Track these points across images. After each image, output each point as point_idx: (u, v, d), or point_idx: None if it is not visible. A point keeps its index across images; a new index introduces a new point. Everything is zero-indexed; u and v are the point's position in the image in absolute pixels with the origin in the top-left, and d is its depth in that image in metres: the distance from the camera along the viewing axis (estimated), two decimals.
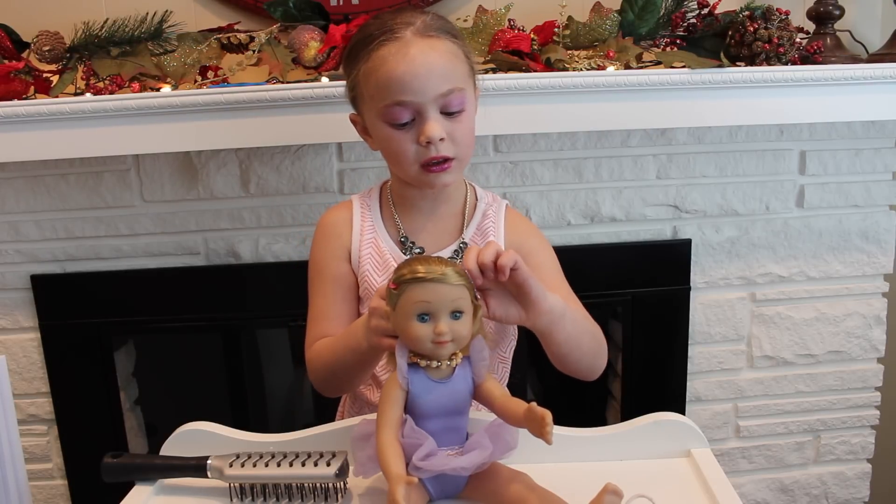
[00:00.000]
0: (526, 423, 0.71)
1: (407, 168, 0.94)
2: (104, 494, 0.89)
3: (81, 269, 1.52)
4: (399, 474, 0.68)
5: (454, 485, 0.76)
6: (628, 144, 1.51)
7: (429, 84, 0.89)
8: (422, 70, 0.88)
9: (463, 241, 1.01)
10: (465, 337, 0.74)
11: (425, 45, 0.89)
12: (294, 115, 1.30)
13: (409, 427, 0.73)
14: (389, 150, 0.94)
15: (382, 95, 0.90)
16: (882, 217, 1.60)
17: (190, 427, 0.87)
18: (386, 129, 0.92)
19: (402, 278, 0.72)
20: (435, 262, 0.73)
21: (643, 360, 1.62)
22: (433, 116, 0.90)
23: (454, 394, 0.75)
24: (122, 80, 1.32)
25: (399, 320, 0.73)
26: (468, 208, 1.03)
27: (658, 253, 1.57)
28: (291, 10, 1.36)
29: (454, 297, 0.72)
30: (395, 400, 0.74)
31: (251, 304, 1.54)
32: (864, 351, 1.66)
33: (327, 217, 1.05)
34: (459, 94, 0.91)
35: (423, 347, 0.73)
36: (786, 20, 1.32)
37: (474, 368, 0.76)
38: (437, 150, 0.91)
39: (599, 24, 1.33)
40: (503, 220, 1.02)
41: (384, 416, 0.73)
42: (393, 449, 0.71)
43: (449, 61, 0.90)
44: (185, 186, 1.48)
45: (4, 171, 1.45)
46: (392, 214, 1.02)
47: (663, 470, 0.83)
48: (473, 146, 0.97)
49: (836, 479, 1.72)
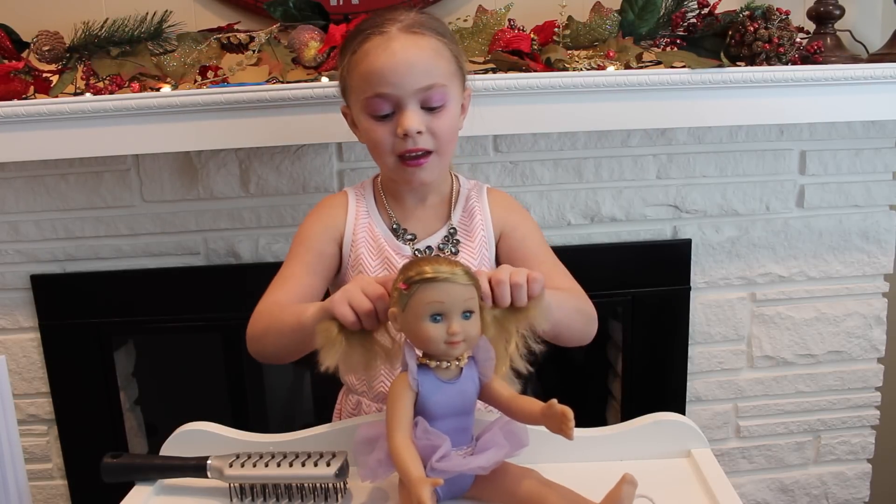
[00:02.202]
0: (545, 420, 0.71)
1: (385, 159, 0.97)
2: (104, 494, 0.89)
3: (81, 269, 1.52)
4: (421, 477, 0.67)
5: (460, 485, 0.76)
6: (628, 144, 1.51)
7: (408, 78, 0.92)
8: (402, 64, 0.91)
9: (452, 226, 1.04)
10: (475, 336, 0.74)
11: (408, 40, 0.92)
12: (294, 115, 1.30)
13: (423, 429, 0.72)
14: (370, 140, 0.98)
15: (364, 87, 0.94)
16: (882, 217, 1.60)
17: (190, 427, 0.87)
18: (367, 121, 0.96)
19: (413, 279, 0.71)
20: (443, 262, 0.72)
21: (643, 360, 1.62)
22: (412, 109, 0.93)
23: (463, 394, 0.74)
24: (122, 80, 1.32)
25: (409, 321, 0.72)
26: (454, 195, 1.06)
27: (658, 253, 1.57)
28: (291, 10, 1.36)
29: (466, 297, 0.72)
30: (406, 401, 0.73)
31: (251, 304, 1.52)
32: (865, 351, 1.66)
33: (325, 200, 1.08)
34: (440, 90, 0.93)
35: (436, 348, 0.72)
36: (786, 20, 1.32)
37: (481, 368, 0.76)
38: (415, 142, 0.94)
39: (599, 24, 1.33)
40: (486, 199, 1.06)
41: (395, 418, 0.72)
42: (409, 452, 0.70)
43: (431, 58, 0.93)
44: (185, 186, 1.48)
45: (4, 171, 1.45)
46: (384, 204, 1.06)
47: (663, 470, 0.83)
48: (454, 143, 1.00)
49: (836, 479, 1.72)
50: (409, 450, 0.70)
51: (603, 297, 1.56)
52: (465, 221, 1.04)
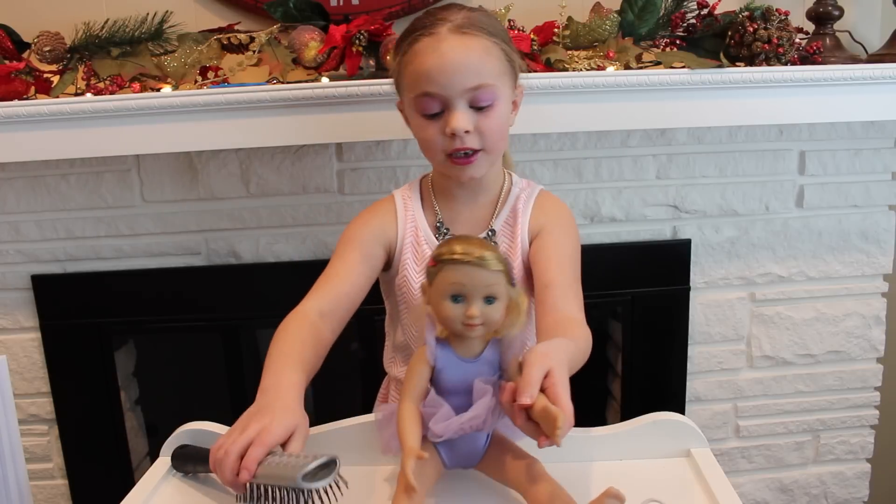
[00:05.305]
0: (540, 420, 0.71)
1: (435, 157, 0.98)
2: (104, 494, 0.89)
3: (82, 269, 1.52)
4: (412, 447, 0.70)
5: (471, 457, 0.78)
6: (628, 144, 1.51)
7: (456, 78, 0.92)
8: (450, 66, 0.92)
9: (491, 229, 1.03)
10: (496, 321, 0.75)
11: (458, 41, 0.93)
12: (294, 115, 1.30)
13: (431, 396, 0.75)
14: (420, 138, 0.99)
15: (414, 86, 0.95)
16: (881, 217, 1.60)
17: (190, 427, 0.88)
18: (417, 118, 0.97)
19: (441, 257, 0.74)
20: (476, 243, 0.74)
21: (643, 360, 1.62)
22: (460, 109, 0.93)
23: (478, 374, 0.75)
24: (123, 81, 1.32)
25: (434, 297, 0.75)
26: (502, 196, 1.05)
27: (658, 253, 1.57)
28: (291, 11, 1.36)
29: (489, 283, 0.73)
30: (421, 374, 0.76)
31: (251, 304, 1.54)
32: (864, 351, 1.66)
33: (375, 205, 1.08)
34: (489, 89, 0.94)
35: (454, 327, 0.74)
36: (785, 20, 1.32)
37: (504, 354, 0.77)
38: (463, 141, 0.94)
39: (599, 25, 1.34)
40: (532, 203, 1.05)
41: (408, 387, 0.75)
42: (412, 420, 0.73)
43: (480, 58, 0.93)
44: (186, 186, 1.48)
45: (5, 171, 1.46)
46: (432, 204, 1.06)
47: (663, 470, 0.83)
48: (505, 141, 1.00)
49: (835, 478, 1.73)
50: (411, 418, 0.73)
51: (603, 297, 1.56)
52: (508, 224, 1.04)
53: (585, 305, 0.97)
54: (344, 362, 1.56)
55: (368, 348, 1.59)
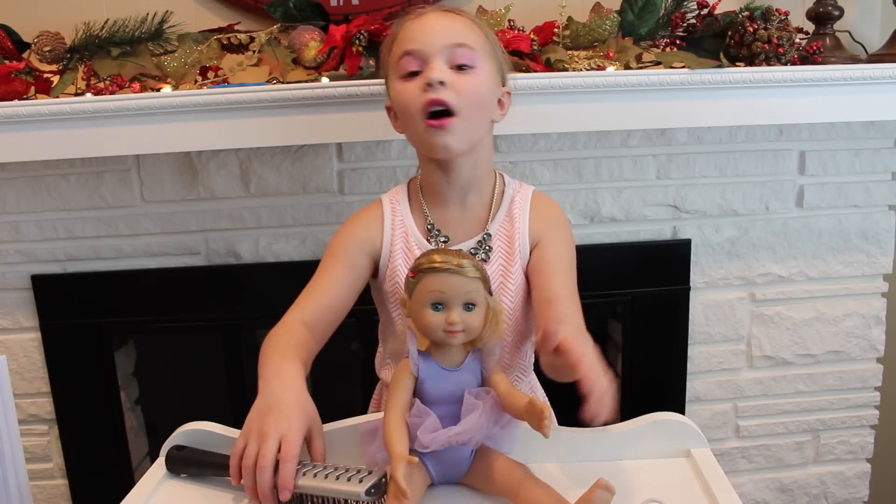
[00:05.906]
0: (526, 416, 0.73)
1: (416, 125, 0.94)
2: (104, 494, 0.89)
3: (82, 269, 1.52)
4: (401, 453, 0.71)
5: (456, 469, 0.78)
6: (628, 144, 1.51)
7: (436, 35, 0.93)
8: (430, 26, 0.94)
9: (487, 233, 1.01)
10: (476, 328, 0.76)
11: (441, 13, 0.96)
12: (294, 115, 1.30)
13: (417, 407, 0.75)
14: (401, 106, 0.96)
15: (396, 53, 0.96)
16: (881, 217, 1.60)
17: (190, 427, 0.88)
18: (399, 85, 0.96)
19: (420, 267, 0.75)
20: (453, 253, 0.75)
21: (643, 360, 1.62)
22: (438, 61, 0.93)
23: (461, 383, 0.76)
24: (123, 81, 1.32)
25: (414, 307, 0.76)
26: (496, 197, 1.03)
27: (658, 253, 1.57)
28: (291, 11, 1.36)
29: (468, 290, 0.74)
30: (405, 385, 0.76)
31: (251, 304, 1.54)
32: (864, 351, 1.66)
33: (358, 213, 1.06)
34: (469, 51, 0.94)
35: (435, 335, 0.75)
36: (785, 20, 1.32)
37: (484, 362, 0.78)
38: (437, 92, 0.92)
39: (599, 25, 1.34)
40: (528, 207, 1.02)
41: (392, 399, 0.76)
42: (399, 430, 0.73)
43: (464, 25, 0.96)
44: (186, 186, 1.48)
45: (5, 171, 1.46)
46: (421, 206, 1.03)
47: (663, 470, 0.83)
48: (481, 110, 0.96)
49: (835, 478, 1.73)
50: (398, 429, 0.73)
51: (602, 297, 1.56)
52: (505, 227, 1.01)
53: (585, 305, 0.97)
54: (344, 362, 1.56)
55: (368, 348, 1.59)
